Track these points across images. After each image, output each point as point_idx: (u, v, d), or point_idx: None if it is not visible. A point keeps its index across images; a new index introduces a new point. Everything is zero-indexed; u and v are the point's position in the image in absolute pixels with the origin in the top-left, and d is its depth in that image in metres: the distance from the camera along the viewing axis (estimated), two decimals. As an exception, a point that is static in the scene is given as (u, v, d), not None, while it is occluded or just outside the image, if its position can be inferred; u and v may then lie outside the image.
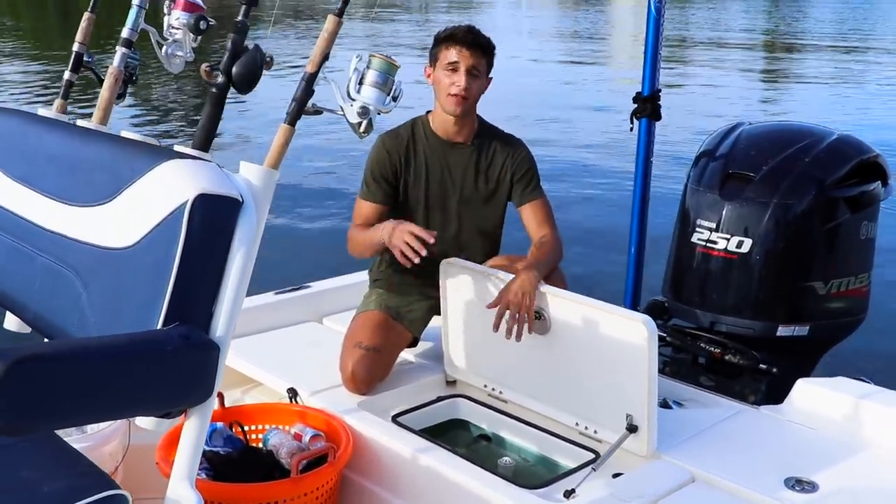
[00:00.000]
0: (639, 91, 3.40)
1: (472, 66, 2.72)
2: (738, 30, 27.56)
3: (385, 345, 2.79)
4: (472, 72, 2.72)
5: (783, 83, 16.12)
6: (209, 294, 1.32)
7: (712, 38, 23.67)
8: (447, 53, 2.73)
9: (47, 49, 20.56)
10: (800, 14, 34.61)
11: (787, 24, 29.79)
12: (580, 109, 12.29)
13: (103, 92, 1.87)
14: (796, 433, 2.51)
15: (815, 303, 2.99)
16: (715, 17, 31.93)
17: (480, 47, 2.74)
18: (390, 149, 2.81)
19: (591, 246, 5.97)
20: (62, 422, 1.30)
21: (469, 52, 2.71)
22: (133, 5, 1.87)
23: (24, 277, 1.59)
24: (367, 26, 24.56)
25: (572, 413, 2.53)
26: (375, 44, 19.06)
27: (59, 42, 21.90)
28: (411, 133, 2.84)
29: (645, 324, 2.29)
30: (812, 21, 31.33)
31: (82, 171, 1.53)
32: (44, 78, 15.20)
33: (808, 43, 23.52)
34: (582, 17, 32.88)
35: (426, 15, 32.27)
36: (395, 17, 29.55)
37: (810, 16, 33.51)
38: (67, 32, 11.72)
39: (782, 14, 34.69)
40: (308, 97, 1.53)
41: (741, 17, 33.10)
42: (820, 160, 3.03)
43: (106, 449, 2.43)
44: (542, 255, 2.69)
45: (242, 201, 1.35)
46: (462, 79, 2.71)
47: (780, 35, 26.35)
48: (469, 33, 2.74)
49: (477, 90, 2.76)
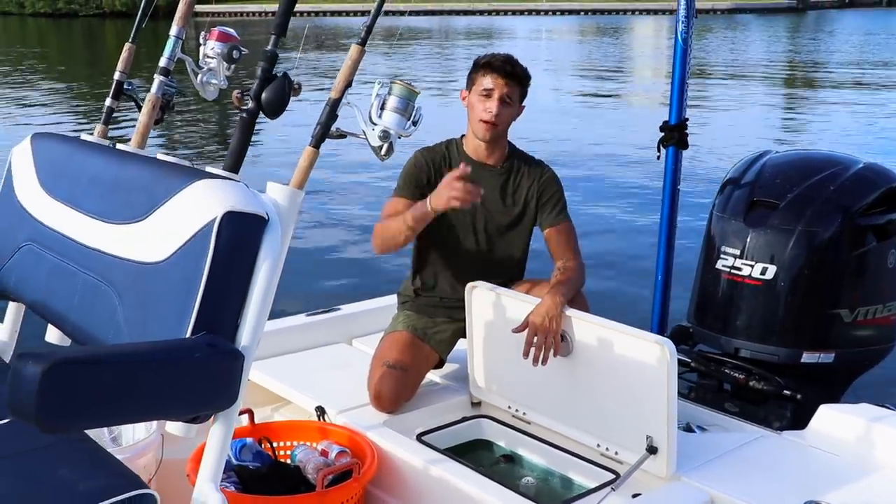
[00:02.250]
0: (666, 120, 3.44)
1: (506, 94, 2.81)
2: (760, 57, 27.55)
3: (412, 365, 2.85)
4: (504, 100, 2.81)
5: (810, 111, 16.05)
6: (235, 306, 1.40)
7: (735, 66, 23.67)
8: (483, 80, 2.82)
9: (75, 73, 21.16)
10: (821, 42, 34.51)
11: (808, 53, 29.70)
12: (604, 138, 12.34)
13: (141, 117, 1.97)
14: (817, 458, 2.53)
15: (841, 330, 2.99)
16: (735, 45, 31.91)
17: (515, 77, 2.83)
18: (426, 161, 2.89)
19: (618, 273, 6.01)
20: (95, 422, 1.38)
21: (503, 81, 2.80)
22: (170, 36, 1.97)
23: (66, 292, 1.69)
24: (389, 55, 24.86)
25: (594, 434, 2.57)
26: (398, 71, 19.29)
27: (86, 66, 22.51)
28: (446, 151, 2.93)
29: (665, 346, 2.33)
30: (835, 49, 31.20)
31: (121, 192, 1.62)
32: (72, 100, 15.69)
33: (833, 70, 23.43)
34: (603, 47, 33.03)
35: (447, 44, 32.55)
36: (418, 46, 29.91)
37: (832, 44, 33.35)
38: (94, 57, 11.98)
39: (804, 42, 34.60)
40: (332, 121, 1.62)
41: (762, 44, 33.07)
42: (846, 188, 3.05)
43: (140, 462, 2.51)
44: (566, 279, 2.74)
45: (268, 219, 1.43)
46: (494, 106, 2.79)
47: (803, 63, 26.27)
48: (506, 63, 2.83)
49: (507, 117, 2.84)
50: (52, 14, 62.31)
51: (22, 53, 28.28)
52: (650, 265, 3.57)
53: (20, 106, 15.22)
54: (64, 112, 14.62)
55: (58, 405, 1.16)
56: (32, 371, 1.14)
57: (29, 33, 43.78)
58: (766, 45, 33.13)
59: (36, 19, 59.49)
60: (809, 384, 3.02)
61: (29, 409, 1.14)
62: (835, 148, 9.30)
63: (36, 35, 42.22)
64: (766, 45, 33.62)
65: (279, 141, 10.22)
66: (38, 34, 42.75)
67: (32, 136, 2.00)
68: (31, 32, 44.66)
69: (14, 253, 1.87)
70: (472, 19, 56.77)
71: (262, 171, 8.85)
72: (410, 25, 44.26)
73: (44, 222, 1.80)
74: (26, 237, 1.85)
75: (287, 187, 1.53)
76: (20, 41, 36.72)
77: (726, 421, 2.82)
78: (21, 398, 1.15)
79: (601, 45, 34.46)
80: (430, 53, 27.69)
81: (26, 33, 43.65)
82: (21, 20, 58.89)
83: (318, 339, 3.32)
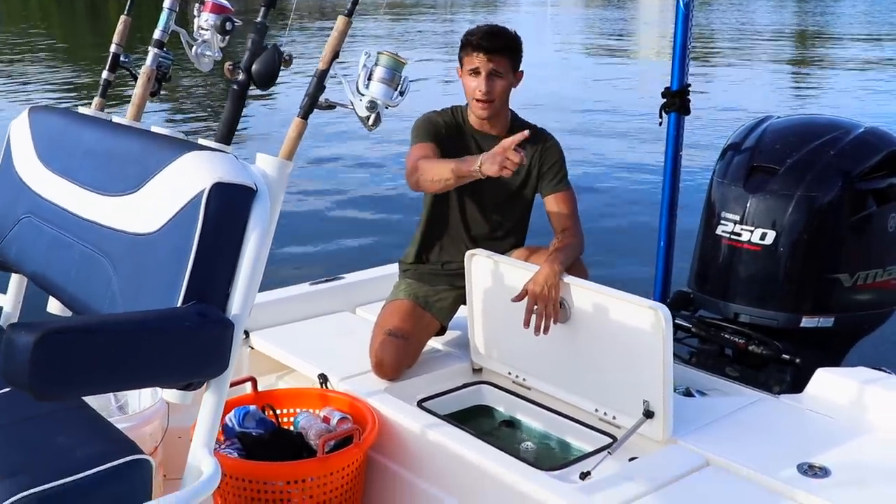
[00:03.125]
0: (668, 86, 3.44)
1: (492, 69, 2.79)
2: (764, 26, 27.25)
3: (413, 332, 2.89)
4: (492, 75, 2.79)
5: (815, 77, 15.92)
6: (225, 276, 1.42)
7: (739, 34, 23.44)
8: (468, 59, 2.82)
9: (78, 50, 21.20)
10: (827, 6, 34.11)
11: (814, 17, 29.37)
12: (608, 104, 12.29)
13: (137, 90, 2.00)
14: (813, 421, 2.55)
15: (841, 295, 3.00)
16: (740, 14, 31.57)
17: (499, 49, 2.80)
18: (440, 118, 2.90)
19: (620, 239, 6.02)
20: (88, 389, 1.42)
21: (486, 57, 2.78)
22: (164, 8, 1.98)
23: (63, 263, 1.72)
24: (392, 25, 24.72)
25: (592, 399, 2.60)
26: (398, 42, 19.16)
27: (90, 43, 22.56)
28: (452, 116, 2.93)
29: (660, 311, 2.35)
30: (842, 12, 30.85)
31: (115, 164, 1.65)
32: (75, 76, 15.71)
33: (839, 36, 23.16)
34: (608, 15, 32.72)
35: (452, 14, 32.31)
36: (422, 17, 29.69)
37: (839, 8, 32.97)
38: (97, 34, 12.06)
39: (809, 7, 34.21)
40: (319, 92, 1.63)
41: (767, 14, 32.70)
42: (846, 152, 3.05)
43: (146, 430, 2.56)
44: (564, 247, 2.75)
45: (257, 189, 1.46)
46: (483, 83, 2.79)
47: (808, 29, 26.00)
48: (485, 38, 2.80)
49: (501, 90, 2.83)
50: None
51: (24, 30, 28.29)
52: (653, 231, 3.58)
53: (22, 82, 15.26)
54: (66, 87, 14.64)
55: (50, 373, 1.19)
56: (25, 340, 1.17)
57: (31, 9, 43.74)
58: (771, 11, 32.75)
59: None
60: (809, 348, 3.03)
61: (22, 377, 1.18)
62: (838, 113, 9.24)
63: (38, 10, 42.18)
64: (772, 10, 33.24)
65: (277, 112, 10.22)
66: (40, 9, 42.67)
67: (30, 110, 2.03)
68: (34, 8, 44.59)
69: (14, 225, 1.91)
70: None
71: (258, 142, 8.89)
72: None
73: (41, 195, 1.83)
74: (25, 209, 1.88)
75: (276, 158, 1.55)
76: (23, 18, 36.73)
77: (726, 385, 2.84)
78: (15, 367, 1.18)
79: (607, 13, 34.14)
80: (436, 23, 27.49)
81: (29, 9, 43.61)
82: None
83: (322, 307, 3.35)
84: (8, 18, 37.15)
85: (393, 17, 23.42)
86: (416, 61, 2.65)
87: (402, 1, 34.31)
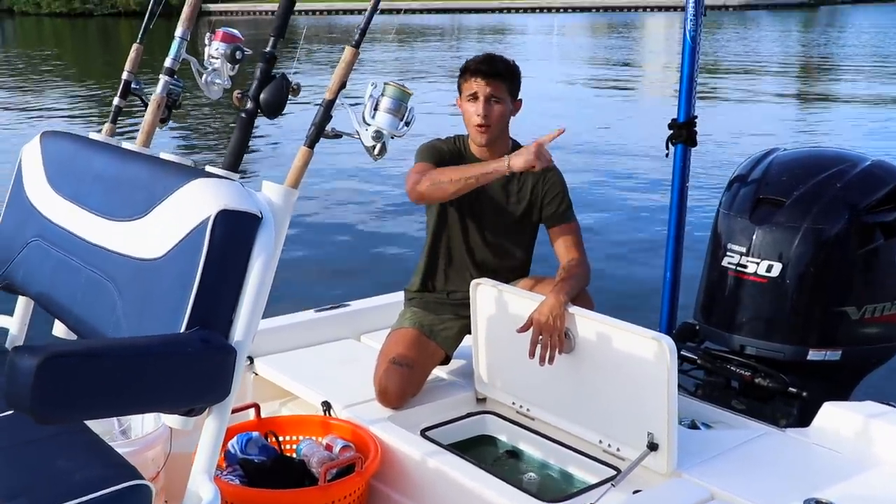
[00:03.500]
0: (674, 118, 3.45)
1: (490, 94, 2.81)
2: (772, 53, 27.40)
3: (418, 361, 2.88)
4: (490, 100, 2.81)
5: (821, 108, 15.95)
6: (229, 302, 1.43)
7: (746, 63, 23.53)
8: (467, 85, 2.84)
9: (90, 74, 21.40)
10: (832, 37, 34.25)
11: (820, 48, 29.51)
12: (613, 135, 12.31)
13: (147, 116, 2.02)
14: (820, 455, 2.53)
15: (848, 328, 2.99)
16: (745, 44, 31.75)
17: (496, 75, 2.82)
18: (444, 145, 2.92)
19: (626, 270, 6.01)
20: (90, 413, 1.42)
21: (485, 82, 2.80)
22: (175, 37, 2.01)
23: (70, 287, 1.73)
24: (398, 52, 24.87)
25: (596, 430, 2.59)
26: (403, 68, 19.27)
27: (102, 68, 22.75)
28: (454, 144, 2.95)
29: (665, 343, 2.35)
30: (847, 44, 30.96)
31: (123, 189, 1.67)
32: (87, 101, 15.84)
33: (845, 66, 23.24)
34: (613, 44, 32.93)
35: (458, 42, 32.53)
36: (428, 44, 29.88)
37: (844, 40, 33.09)
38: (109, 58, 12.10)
39: (815, 37, 34.34)
40: (326, 122, 1.65)
41: (773, 40, 32.87)
42: (853, 185, 3.05)
43: (149, 454, 2.55)
44: (570, 277, 2.75)
45: (262, 217, 1.47)
46: (481, 108, 2.80)
47: (815, 59, 26.10)
48: (483, 63, 2.82)
49: (499, 116, 2.84)
50: (69, 14, 62.70)
51: (38, 54, 28.62)
52: (659, 262, 3.58)
53: (35, 106, 15.42)
54: (77, 111, 14.79)
55: (52, 397, 1.20)
56: (28, 363, 1.18)
57: (45, 33, 44.25)
58: (777, 41, 32.96)
59: (52, 19, 59.88)
60: (816, 382, 3.02)
61: (24, 400, 1.18)
62: (845, 145, 9.23)
63: (52, 35, 42.68)
64: (778, 41, 33.43)
65: (289, 140, 10.29)
66: (53, 34, 43.19)
67: (42, 135, 2.05)
68: (48, 32, 45.12)
69: (22, 248, 1.92)
70: (483, 17, 56.78)
71: (265, 169, 8.93)
72: (422, 23, 44.40)
73: (50, 219, 1.85)
74: (34, 233, 1.90)
75: (282, 186, 1.56)
76: (36, 41, 37.16)
77: (732, 418, 2.83)
78: (17, 390, 1.19)
79: (613, 41, 34.39)
80: (441, 49, 27.67)
81: (42, 33, 44.12)
82: (37, 20, 59.36)
83: (327, 334, 3.35)
84: (22, 41, 37.55)
85: (399, 44, 23.57)
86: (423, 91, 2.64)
87: (408, 28, 34.56)
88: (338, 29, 33.81)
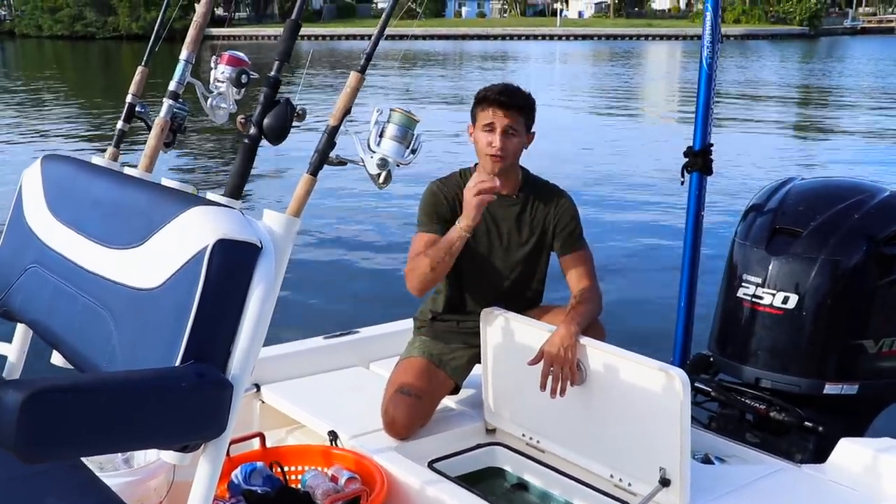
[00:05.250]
0: (690, 146, 3.40)
1: (508, 125, 2.76)
2: (776, 81, 27.39)
3: (426, 391, 2.83)
4: (507, 132, 2.77)
5: (829, 137, 15.86)
6: (227, 335, 1.38)
7: (751, 91, 23.50)
8: (483, 115, 2.79)
9: (92, 96, 21.50)
10: (834, 67, 34.28)
11: (823, 77, 29.48)
12: (620, 162, 12.26)
13: (150, 141, 1.98)
14: (836, 493, 2.46)
15: (865, 361, 2.93)
16: (747, 70, 31.77)
17: (514, 107, 2.78)
18: (442, 193, 2.86)
19: (640, 299, 5.93)
20: (77, 451, 1.37)
21: (503, 113, 2.76)
22: (180, 60, 1.97)
23: (66, 316, 1.69)
24: (401, 78, 24.92)
25: (607, 464, 2.53)
26: (410, 95, 19.24)
27: (103, 90, 22.87)
28: (459, 181, 2.89)
29: (678, 377, 2.29)
30: (851, 73, 30.95)
31: (121, 216, 1.62)
32: (88, 124, 15.88)
33: (852, 96, 23.20)
34: (615, 72, 32.99)
35: (460, 70, 32.58)
36: (431, 70, 29.97)
37: (846, 69, 33.08)
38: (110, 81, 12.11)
39: (818, 67, 34.35)
40: (330, 149, 1.60)
41: (775, 69, 32.89)
42: (871, 216, 2.99)
43: (151, 484, 2.51)
44: (582, 307, 2.70)
45: (262, 247, 1.42)
46: (497, 140, 2.76)
47: (820, 88, 26.05)
48: (502, 94, 2.78)
49: (514, 148, 2.80)
50: (70, 36, 62.45)
51: (40, 76, 28.80)
52: (673, 292, 3.52)
53: (37, 129, 15.44)
54: (79, 135, 14.75)
55: (38, 435, 1.15)
56: (12, 399, 1.13)
57: (46, 56, 44.53)
58: (780, 70, 32.98)
59: (53, 42, 59.71)
60: (832, 416, 2.95)
61: (8, 438, 1.14)
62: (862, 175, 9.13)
63: (53, 58, 42.91)
64: (780, 69, 33.46)
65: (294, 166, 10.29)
66: (55, 57, 43.41)
67: (43, 159, 2.02)
68: (49, 55, 45.39)
69: (21, 275, 1.88)
70: (486, 44, 56.96)
71: (269, 195, 8.88)
72: (425, 49, 44.59)
73: (49, 245, 1.81)
74: (32, 259, 1.85)
75: (283, 215, 1.52)
76: (38, 64, 37.37)
77: (746, 452, 2.76)
78: (2, 427, 1.14)
79: (616, 69, 34.46)
80: (445, 76, 27.71)
81: (44, 56, 44.39)
82: (39, 43, 59.35)
83: (336, 362, 3.31)
84: (24, 63, 37.80)
85: (402, 69, 23.50)
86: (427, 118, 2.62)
87: (411, 53, 34.64)
88: (339, 54, 33.86)
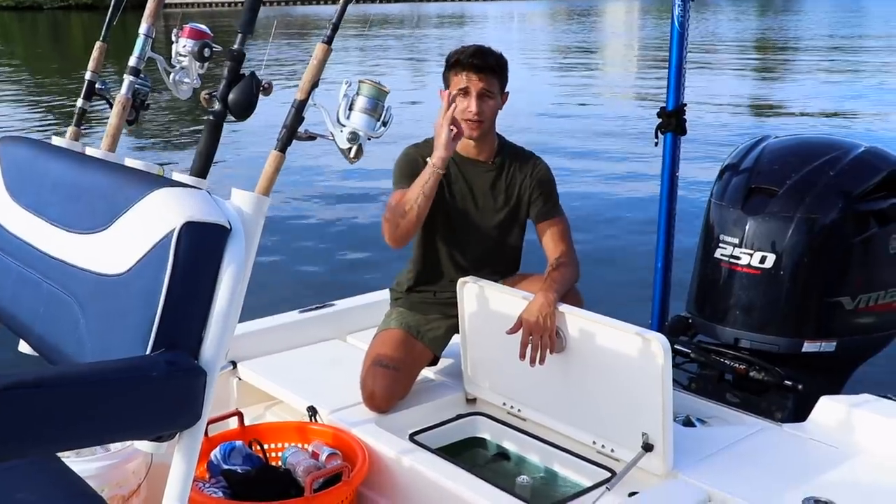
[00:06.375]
0: (663, 106, 3.37)
1: (483, 89, 2.72)
2: (739, 36, 27.51)
3: (405, 363, 2.80)
4: (483, 95, 2.72)
5: (789, 88, 15.94)
6: (198, 320, 1.34)
7: (716, 48, 23.56)
8: (457, 79, 2.73)
9: (45, 73, 20.99)
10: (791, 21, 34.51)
11: (782, 32, 29.67)
12: (587, 124, 12.16)
13: (111, 119, 1.91)
14: (818, 452, 2.47)
15: (843, 318, 2.93)
16: (730, 25, 31.85)
17: (488, 69, 2.73)
18: (418, 154, 2.80)
19: (617, 263, 5.93)
20: (45, 448, 1.32)
21: (477, 76, 2.71)
22: (140, 34, 1.90)
23: (31, 303, 1.63)
24: (361, 43, 24.66)
25: (589, 431, 2.52)
26: (371, 60, 18.97)
27: (56, 65, 22.32)
28: (432, 146, 2.84)
29: (659, 341, 2.28)
30: (811, 27, 31.14)
31: (84, 200, 1.56)
32: (42, 102, 15.42)
33: (814, 49, 23.35)
34: (573, 28, 32.94)
35: (419, 30, 32.35)
36: (389, 33, 29.71)
37: (805, 23, 33.29)
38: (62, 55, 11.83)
39: (778, 22, 34.57)
40: (298, 123, 1.55)
41: (733, 24, 33.02)
42: (846, 173, 2.98)
43: (129, 467, 2.47)
44: (559, 274, 2.67)
45: (231, 228, 1.37)
46: (474, 104, 2.71)
47: (777, 42, 26.22)
48: (475, 56, 2.73)
49: (490, 111, 2.76)
50: (16, 7, 60.32)
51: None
52: (649, 254, 3.51)
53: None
54: (34, 113, 14.33)
55: (4, 433, 1.11)
56: None
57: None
58: (739, 25, 33.13)
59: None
60: (811, 374, 2.96)
61: (-29, 436, 1.09)
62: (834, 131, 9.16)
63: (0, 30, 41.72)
64: (740, 24, 33.61)
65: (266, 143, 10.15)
66: (1, 29, 42.17)
67: (0, 140, 1.95)
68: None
69: None
70: (443, 5, 56.67)
71: (237, 174, 8.75)
72: (382, 11, 44.12)
73: (9, 230, 1.74)
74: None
75: (252, 194, 1.47)
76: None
77: (727, 413, 2.77)
78: None
79: (572, 27, 34.39)
80: (403, 39, 27.43)
81: (-11, 29, 43.09)
82: None
83: (312, 335, 3.27)
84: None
85: (358, 33, 23.13)
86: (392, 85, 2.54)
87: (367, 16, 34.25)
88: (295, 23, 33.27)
